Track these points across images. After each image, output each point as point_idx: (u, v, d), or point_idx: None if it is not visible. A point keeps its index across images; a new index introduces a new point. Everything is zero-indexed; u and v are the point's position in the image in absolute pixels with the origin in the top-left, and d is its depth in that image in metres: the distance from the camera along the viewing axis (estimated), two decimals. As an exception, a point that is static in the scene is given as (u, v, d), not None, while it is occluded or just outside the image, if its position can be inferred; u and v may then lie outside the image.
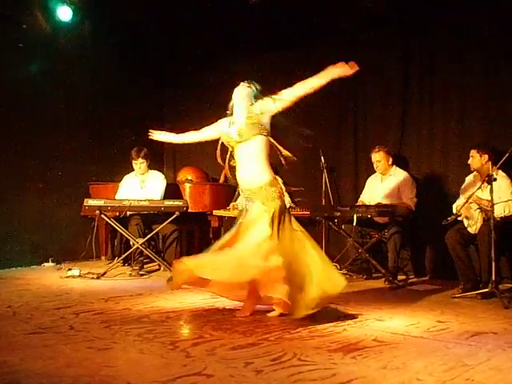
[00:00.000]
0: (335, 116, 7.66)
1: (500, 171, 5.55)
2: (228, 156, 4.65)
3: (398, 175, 6.70)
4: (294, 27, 7.34)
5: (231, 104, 4.66)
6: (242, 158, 4.54)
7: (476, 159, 5.82)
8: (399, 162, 6.94)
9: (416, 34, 7.01)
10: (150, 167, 7.44)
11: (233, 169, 4.63)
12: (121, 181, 7.48)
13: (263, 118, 4.51)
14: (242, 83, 4.63)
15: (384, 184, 6.76)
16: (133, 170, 7.41)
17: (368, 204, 6.66)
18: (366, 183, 7.00)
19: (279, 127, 4.63)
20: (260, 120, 4.49)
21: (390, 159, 6.74)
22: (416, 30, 6.99)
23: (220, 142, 4.67)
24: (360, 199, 6.90)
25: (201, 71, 8.64)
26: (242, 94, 4.59)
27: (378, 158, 6.71)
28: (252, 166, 4.51)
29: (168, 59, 8.96)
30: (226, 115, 4.71)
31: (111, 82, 8.40)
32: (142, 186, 7.38)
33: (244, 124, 4.50)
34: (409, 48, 7.10)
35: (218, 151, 4.68)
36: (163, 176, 7.52)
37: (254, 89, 4.59)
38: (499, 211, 5.45)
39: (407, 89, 7.13)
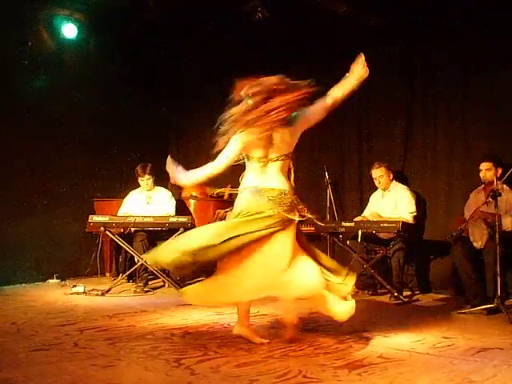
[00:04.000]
0: (339, 131, 7.67)
1: (505, 185, 5.55)
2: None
3: (396, 190, 6.72)
4: (296, 43, 7.37)
5: None
6: None
7: (492, 172, 5.81)
8: (403, 177, 6.95)
9: (420, 49, 7.05)
10: (155, 183, 7.45)
11: None
12: (125, 197, 7.49)
13: None
14: None
15: (384, 200, 6.79)
16: (138, 186, 7.42)
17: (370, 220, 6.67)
18: (370, 199, 7.00)
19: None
20: None
21: (391, 174, 6.77)
22: (420, 45, 7.02)
23: None
24: (363, 214, 6.88)
25: (205, 88, 8.67)
26: None
27: (379, 173, 6.73)
28: None
29: (173, 77, 8.99)
30: None
31: (116, 98, 8.44)
32: (148, 201, 7.39)
33: None
34: (412, 63, 7.12)
35: None
36: (170, 193, 7.53)
37: None
38: (507, 225, 5.45)
39: (411, 104, 7.15)
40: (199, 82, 8.68)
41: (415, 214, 6.56)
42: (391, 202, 6.70)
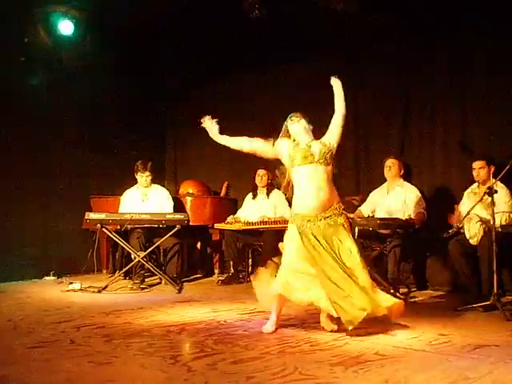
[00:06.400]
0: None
1: (499, 182, 5.56)
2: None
3: (406, 189, 6.66)
4: (295, 42, 7.35)
5: (285, 132, 4.67)
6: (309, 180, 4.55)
7: (485, 170, 5.83)
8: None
9: (416, 46, 7.04)
10: (152, 181, 7.43)
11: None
12: (122, 194, 7.47)
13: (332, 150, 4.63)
14: (293, 116, 4.64)
15: (390, 196, 6.70)
16: (135, 183, 7.39)
17: (370, 216, 6.67)
18: (370, 195, 6.94)
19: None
20: (332, 151, 4.63)
21: (402, 171, 6.75)
22: (417, 42, 7.01)
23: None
24: (359, 208, 6.86)
25: (202, 86, 8.66)
26: (303, 125, 4.62)
27: (390, 164, 6.73)
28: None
29: (170, 74, 8.97)
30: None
31: (112, 96, 8.43)
32: (143, 199, 7.36)
33: (322, 147, 4.60)
34: (409, 60, 7.11)
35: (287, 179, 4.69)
36: (168, 192, 7.51)
37: (306, 120, 4.66)
38: (497, 221, 5.45)
39: (408, 101, 7.14)
40: (198, 80, 8.67)
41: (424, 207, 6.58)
42: (398, 201, 6.64)
